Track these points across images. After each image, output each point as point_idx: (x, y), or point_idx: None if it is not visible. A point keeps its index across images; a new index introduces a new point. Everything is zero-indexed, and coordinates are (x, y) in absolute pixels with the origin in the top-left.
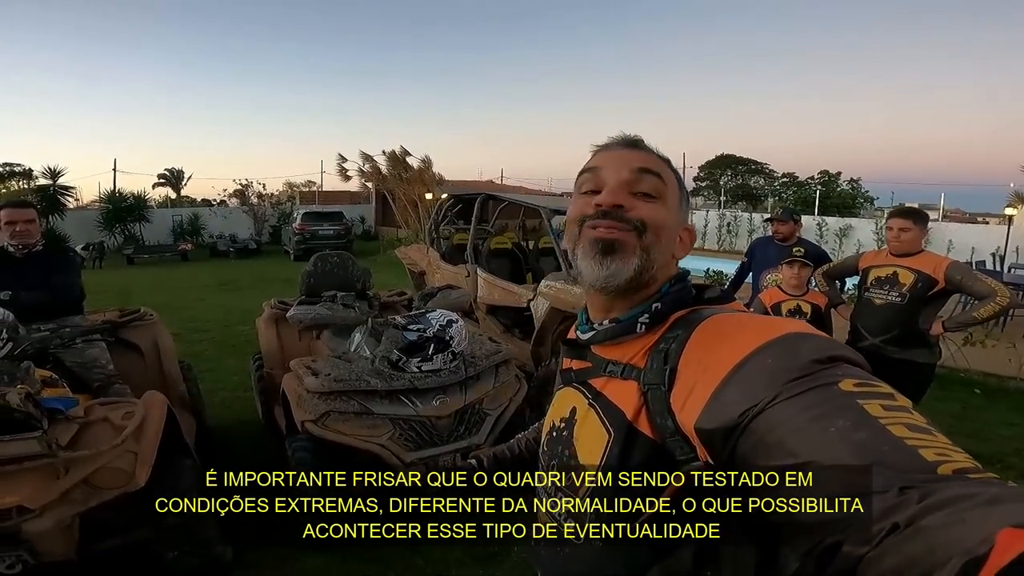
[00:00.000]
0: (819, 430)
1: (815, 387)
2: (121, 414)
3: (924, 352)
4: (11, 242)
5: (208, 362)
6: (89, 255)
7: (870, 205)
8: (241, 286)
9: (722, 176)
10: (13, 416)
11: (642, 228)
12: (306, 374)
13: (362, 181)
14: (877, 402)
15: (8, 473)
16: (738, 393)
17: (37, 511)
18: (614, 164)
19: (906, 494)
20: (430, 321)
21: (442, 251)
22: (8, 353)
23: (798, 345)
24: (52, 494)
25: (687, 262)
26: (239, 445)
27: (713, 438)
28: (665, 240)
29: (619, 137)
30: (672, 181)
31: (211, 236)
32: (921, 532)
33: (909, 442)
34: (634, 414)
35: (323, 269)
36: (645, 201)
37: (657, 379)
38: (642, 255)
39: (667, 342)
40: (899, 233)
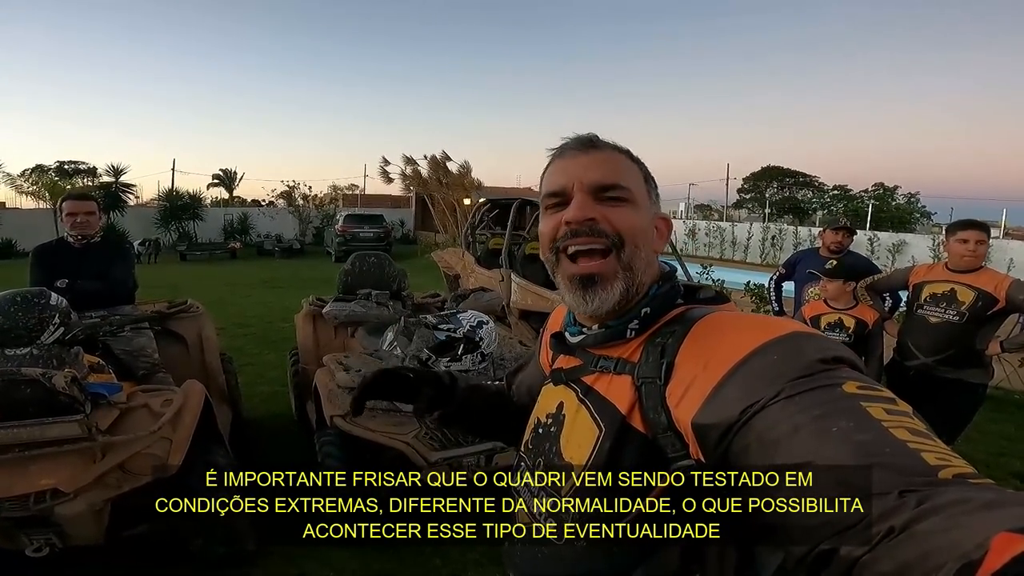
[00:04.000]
0: (820, 430)
1: (818, 387)
2: (160, 401)
3: (978, 372)
4: (71, 233)
5: (248, 356)
6: (145, 251)
7: (927, 220)
8: (284, 284)
9: (767, 188)
10: (58, 399)
11: (619, 243)
12: (338, 369)
13: (404, 184)
14: (879, 406)
15: (47, 455)
16: (740, 389)
17: (71, 494)
18: (575, 175)
19: (905, 498)
20: (461, 322)
21: (477, 255)
22: (59, 338)
23: (802, 344)
24: (87, 478)
25: (727, 275)
26: (272, 438)
27: (710, 434)
28: (644, 244)
29: (573, 139)
30: (636, 174)
31: (259, 235)
32: (916, 536)
33: (911, 445)
34: (628, 409)
35: (361, 268)
36: (614, 206)
37: (653, 373)
38: (625, 275)
39: (663, 336)
40: (976, 246)
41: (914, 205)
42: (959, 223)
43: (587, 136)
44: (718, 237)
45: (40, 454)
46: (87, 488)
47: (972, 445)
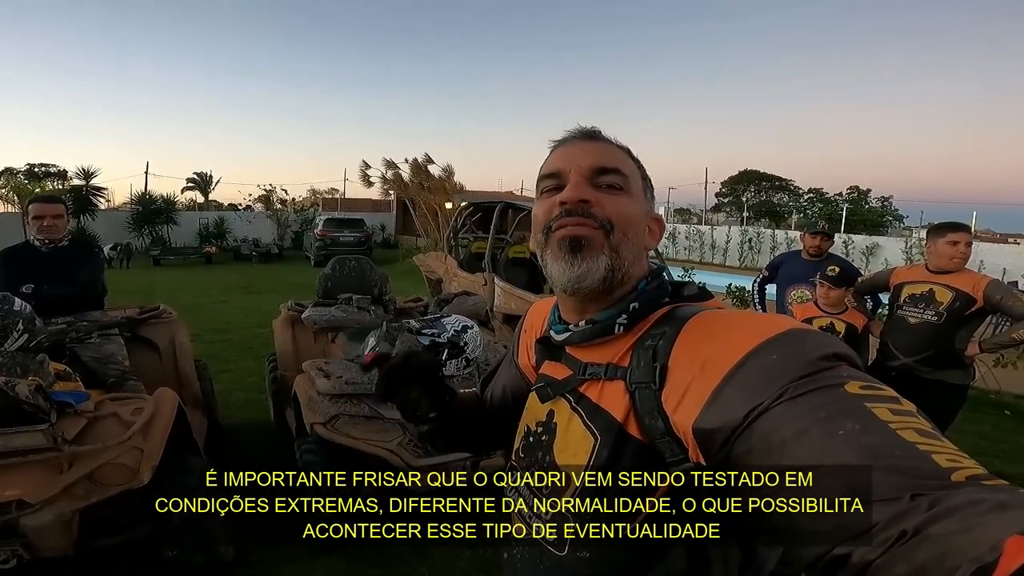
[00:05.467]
0: (827, 433)
1: (821, 388)
2: (131, 410)
3: (959, 373)
4: (37, 236)
5: (225, 363)
6: (116, 255)
7: (899, 224)
8: (262, 289)
9: (745, 192)
10: (21, 408)
11: (609, 227)
12: (318, 376)
13: (384, 188)
14: (885, 406)
15: (11, 466)
16: (741, 392)
17: (37, 506)
18: (574, 159)
19: (917, 501)
20: (444, 326)
21: (460, 259)
22: (23, 345)
23: (802, 342)
24: (54, 489)
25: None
26: (250, 446)
27: (713, 438)
28: (634, 235)
29: (576, 130)
30: (634, 170)
31: (235, 240)
32: (930, 539)
33: (921, 447)
34: (623, 416)
35: (341, 273)
36: (609, 194)
37: (646, 377)
38: (611, 254)
39: (653, 339)
40: (965, 248)
41: (887, 208)
42: (946, 225)
43: (590, 128)
44: (698, 241)
45: (4, 464)
46: (54, 499)
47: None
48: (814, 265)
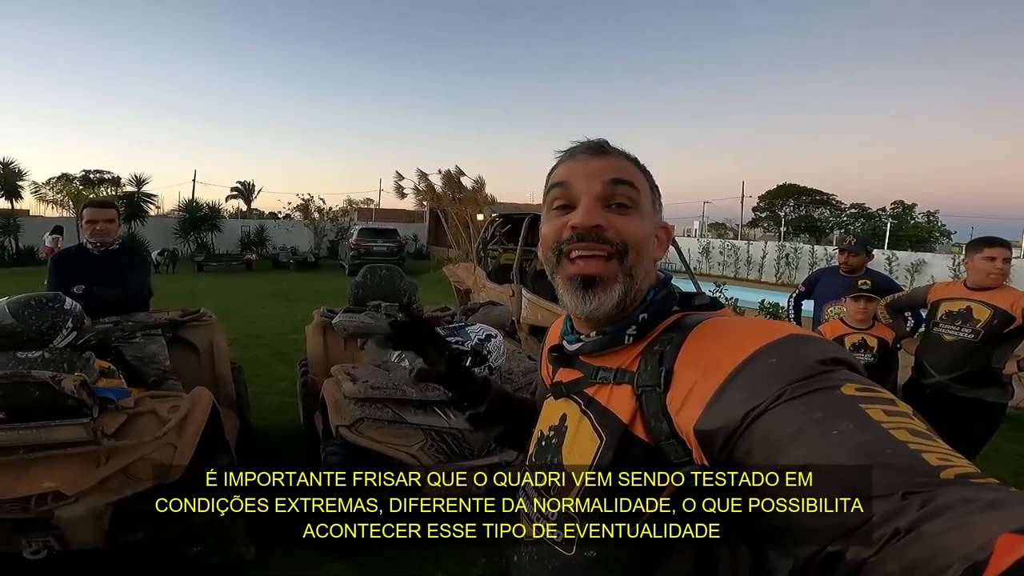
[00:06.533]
0: (821, 432)
1: (818, 389)
2: (168, 407)
3: (995, 391)
4: (90, 239)
5: (259, 367)
6: (163, 260)
7: (947, 240)
8: (297, 297)
9: (783, 207)
10: (66, 402)
11: (624, 250)
12: (345, 380)
13: (417, 199)
14: (879, 407)
15: (51, 458)
16: (741, 393)
17: (73, 498)
18: (585, 177)
19: (908, 499)
20: (468, 334)
21: (489, 270)
22: (72, 342)
23: (802, 346)
24: (90, 481)
25: (740, 293)
26: (279, 448)
27: (714, 439)
28: (645, 253)
29: (584, 142)
30: (643, 183)
31: (274, 248)
32: (922, 538)
33: (912, 446)
34: (629, 418)
35: (372, 280)
36: (621, 215)
37: (652, 381)
38: (625, 280)
39: (661, 344)
40: (1003, 264)
41: (934, 224)
42: (984, 240)
43: (597, 141)
44: (732, 256)
45: (44, 456)
46: (89, 491)
47: (989, 464)
48: (850, 281)
